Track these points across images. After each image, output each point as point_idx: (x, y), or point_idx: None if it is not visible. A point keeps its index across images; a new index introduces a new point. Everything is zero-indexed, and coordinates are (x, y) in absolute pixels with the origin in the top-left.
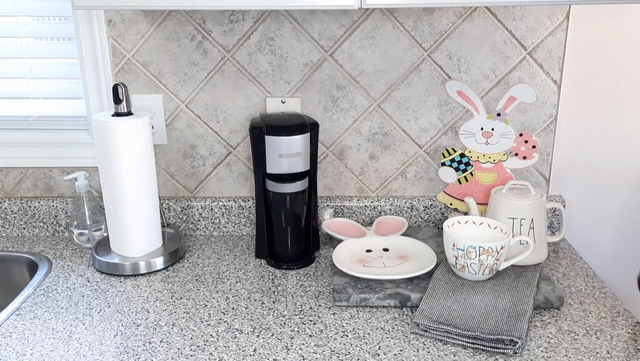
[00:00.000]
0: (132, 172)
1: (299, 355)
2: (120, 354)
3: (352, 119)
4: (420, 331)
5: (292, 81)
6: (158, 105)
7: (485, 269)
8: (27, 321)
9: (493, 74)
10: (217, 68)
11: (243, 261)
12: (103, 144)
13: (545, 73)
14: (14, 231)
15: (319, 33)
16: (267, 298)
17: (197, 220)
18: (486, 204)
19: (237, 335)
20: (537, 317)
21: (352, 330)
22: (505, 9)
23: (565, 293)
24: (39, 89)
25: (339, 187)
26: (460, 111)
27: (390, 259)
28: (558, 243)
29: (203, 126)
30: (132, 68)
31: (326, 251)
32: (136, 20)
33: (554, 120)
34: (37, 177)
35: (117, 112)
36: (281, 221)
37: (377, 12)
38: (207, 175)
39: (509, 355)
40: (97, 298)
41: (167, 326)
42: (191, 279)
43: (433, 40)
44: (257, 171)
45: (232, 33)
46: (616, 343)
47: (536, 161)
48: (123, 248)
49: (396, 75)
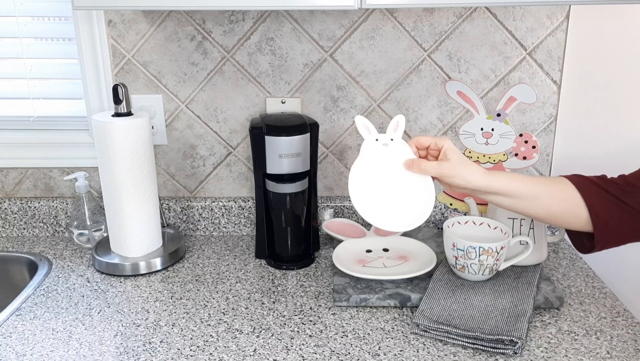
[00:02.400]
0: (132, 173)
1: (299, 355)
2: (120, 354)
3: (352, 119)
4: (420, 332)
5: (292, 81)
6: (158, 105)
7: (485, 270)
8: (27, 322)
9: (493, 75)
10: (217, 68)
11: (243, 261)
12: (103, 144)
13: (545, 73)
14: (14, 231)
15: (319, 33)
16: (267, 298)
17: (197, 220)
18: (486, 205)
19: (237, 335)
20: (537, 317)
21: (352, 330)
22: (505, 10)
23: (565, 293)
24: (39, 89)
25: (339, 187)
26: (460, 111)
27: (390, 260)
28: (558, 243)
29: (203, 126)
30: (132, 68)
31: (326, 252)
32: (136, 21)
33: (554, 120)
34: (37, 178)
35: (117, 112)
36: (281, 221)
37: (377, 12)
38: (207, 175)
39: (509, 355)
40: (97, 299)
41: (167, 327)
42: (191, 280)
43: (433, 40)
44: (257, 171)
45: (232, 33)
46: (616, 343)
47: (536, 161)
48: (123, 248)
49: (396, 75)
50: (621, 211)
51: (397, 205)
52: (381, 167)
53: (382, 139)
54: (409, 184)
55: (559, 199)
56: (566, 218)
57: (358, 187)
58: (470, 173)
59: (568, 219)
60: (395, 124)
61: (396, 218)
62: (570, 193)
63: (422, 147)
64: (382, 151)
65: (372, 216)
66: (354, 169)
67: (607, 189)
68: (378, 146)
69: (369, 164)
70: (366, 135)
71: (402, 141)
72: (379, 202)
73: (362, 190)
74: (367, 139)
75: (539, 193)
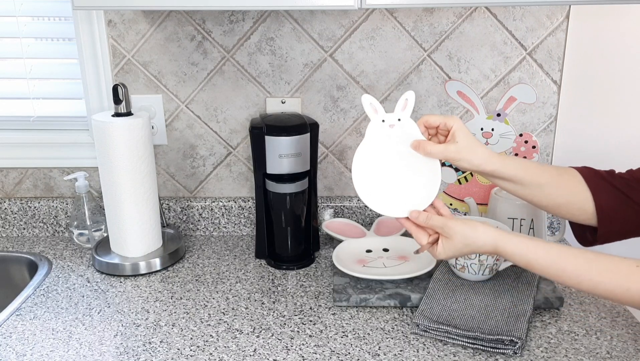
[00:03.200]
0: (132, 173)
1: (299, 355)
2: (120, 354)
3: (352, 119)
4: (420, 332)
5: (292, 81)
6: (158, 105)
7: (485, 270)
8: (27, 322)
9: (493, 75)
10: (217, 68)
11: (243, 261)
12: (103, 144)
13: (545, 73)
14: (14, 231)
15: (319, 33)
16: (267, 298)
17: (197, 220)
18: (486, 205)
19: (237, 335)
20: (537, 317)
21: (352, 330)
22: (505, 9)
23: (565, 293)
24: (39, 89)
25: (339, 187)
26: (460, 111)
27: (390, 260)
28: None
29: (203, 126)
30: (132, 68)
31: (326, 251)
32: (136, 21)
33: (554, 120)
34: (37, 178)
35: (117, 112)
36: (281, 221)
37: (377, 12)
38: (207, 175)
39: (509, 355)
40: (97, 299)
41: (167, 327)
42: (191, 280)
43: (433, 40)
44: (257, 171)
45: (232, 33)
46: (616, 343)
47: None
48: (123, 248)
49: (396, 75)
50: (626, 206)
51: (402, 190)
52: (386, 150)
53: (389, 119)
54: (415, 166)
55: (565, 190)
56: (570, 209)
57: (362, 172)
58: (477, 158)
59: (572, 211)
60: (404, 101)
61: (400, 203)
62: (577, 184)
63: (431, 127)
64: (389, 133)
65: (376, 203)
66: (358, 153)
67: (614, 183)
68: (384, 127)
69: (374, 147)
70: (373, 115)
71: (410, 120)
72: (384, 187)
73: (366, 176)
74: (374, 120)
75: (546, 182)
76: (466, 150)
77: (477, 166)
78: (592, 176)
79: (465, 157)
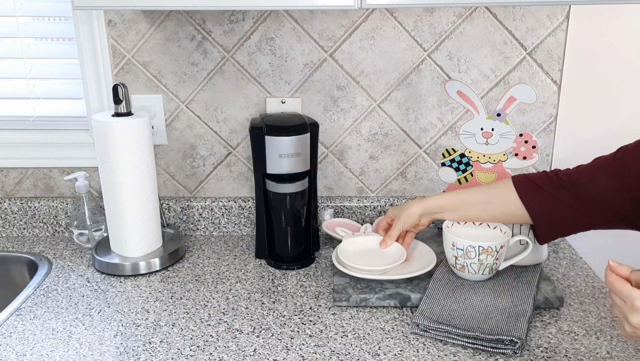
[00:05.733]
0: (132, 173)
1: (299, 355)
2: (120, 354)
3: (352, 119)
4: (420, 332)
5: (292, 81)
6: (158, 105)
7: (485, 269)
8: (27, 322)
9: (493, 74)
10: (217, 68)
11: (243, 261)
12: (103, 144)
13: (545, 73)
14: (14, 231)
15: (319, 33)
16: (267, 298)
17: (197, 220)
18: None
19: (237, 335)
20: (537, 317)
21: (352, 330)
22: (505, 9)
23: (565, 293)
24: (39, 89)
25: (339, 187)
26: (460, 111)
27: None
28: (558, 243)
29: (203, 126)
30: (132, 68)
31: (326, 251)
32: (136, 21)
33: (554, 120)
34: (37, 178)
35: (117, 112)
36: (281, 221)
37: (377, 12)
38: (207, 175)
39: (508, 355)
40: (97, 298)
41: (167, 327)
42: (191, 280)
43: (433, 40)
44: (257, 171)
45: (232, 33)
46: (616, 343)
47: (536, 161)
48: (123, 248)
49: (396, 75)
50: (560, 207)
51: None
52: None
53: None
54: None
55: (496, 203)
56: (508, 217)
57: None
58: (408, 207)
59: (512, 219)
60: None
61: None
62: (508, 193)
63: (385, 228)
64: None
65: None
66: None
67: (543, 186)
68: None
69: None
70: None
71: (372, 233)
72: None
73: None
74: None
75: (477, 200)
76: (397, 208)
77: (413, 212)
78: (521, 183)
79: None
